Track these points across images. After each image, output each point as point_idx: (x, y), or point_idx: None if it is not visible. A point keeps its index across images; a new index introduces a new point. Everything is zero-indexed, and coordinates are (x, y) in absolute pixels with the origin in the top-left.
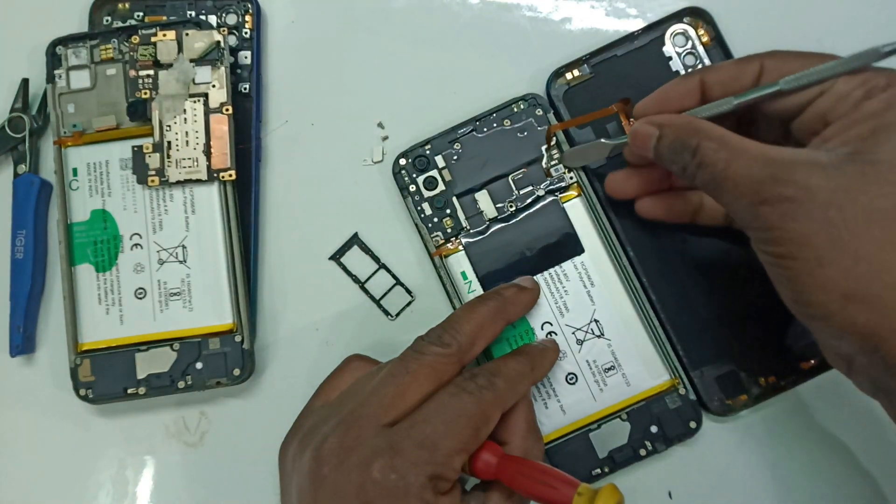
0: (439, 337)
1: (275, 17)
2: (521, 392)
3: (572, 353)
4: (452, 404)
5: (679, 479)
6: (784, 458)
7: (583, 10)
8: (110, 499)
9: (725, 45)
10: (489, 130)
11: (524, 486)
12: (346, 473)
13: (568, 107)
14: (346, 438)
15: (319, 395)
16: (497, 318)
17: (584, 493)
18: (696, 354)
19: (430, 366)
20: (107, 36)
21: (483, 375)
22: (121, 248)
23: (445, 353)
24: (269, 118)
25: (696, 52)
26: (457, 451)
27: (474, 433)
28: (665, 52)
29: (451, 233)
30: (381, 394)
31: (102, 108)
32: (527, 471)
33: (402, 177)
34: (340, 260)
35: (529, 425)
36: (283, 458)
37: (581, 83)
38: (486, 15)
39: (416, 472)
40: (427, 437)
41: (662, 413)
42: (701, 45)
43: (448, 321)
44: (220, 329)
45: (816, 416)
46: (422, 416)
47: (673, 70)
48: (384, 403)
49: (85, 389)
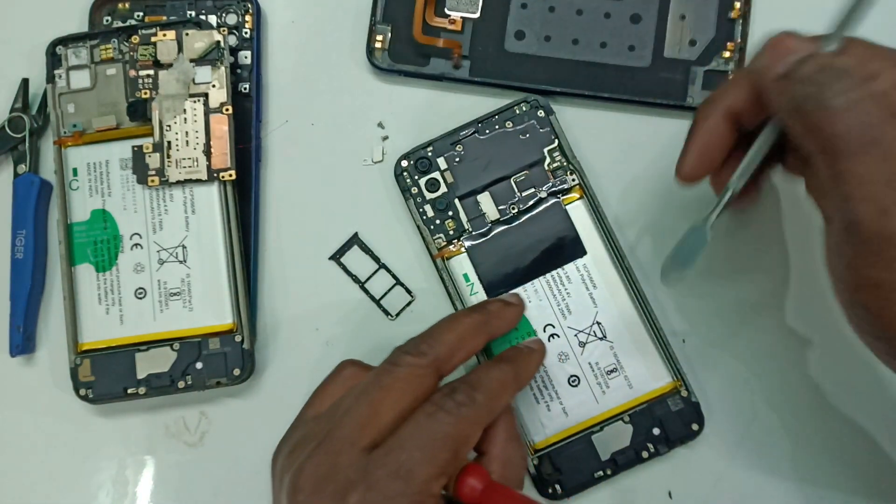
0: (416, 346)
1: (275, 17)
2: (504, 404)
3: (574, 356)
4: (429, 426)
5: (679, 479)
6: (785, 459)
7: None
8: (110, 499)
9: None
10: (491, 132)
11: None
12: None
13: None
14: (321, 467)
15: (312, 405)
16: (479, 330)
17: None
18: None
19: (404, 379)
20: (107, 36)
21: (462, 391)
22: (121, 248)
23: (420, 363)
24: (269, 118)
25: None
26: (435, 477)
27: (453, 456)
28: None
29: (454, 235)
30: (355, 414)
31: (102, 108)
32: (510, 500)
33: (403, 178)
34: (340, 260)
35: (509, 434)
36: (274, 468)
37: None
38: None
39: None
40: (402, 465)
41: (664, 415)
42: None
43: (428, 331)
44: (220, 329)
45: (817, 416)
46: (398, 441)
47: None
48: (359, 424)
49: (85, 389)
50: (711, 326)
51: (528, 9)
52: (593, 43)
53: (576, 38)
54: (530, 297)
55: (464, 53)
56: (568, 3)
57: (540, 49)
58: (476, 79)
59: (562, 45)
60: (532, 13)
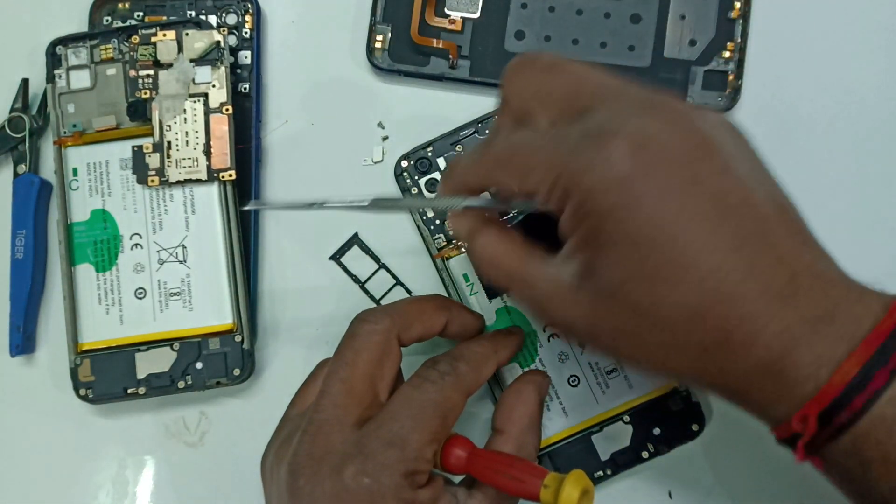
0: (372, 312)
1: (275, 17)
2: (487, 374)
3: (574, 356)
4: (416, 397)
5: (679, 479)
6: (785, 459)
7: None
8: (110, 499)
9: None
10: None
11: (493, 481)
12: (320, 483)
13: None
14: (315, 448)
15: (294, 404)
16: (439, 309)
17: (549, 484)
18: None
19: (365, 348)
20: (107, 36)
21: (445, 361)
22: (121, 248)
23: (377, 328)
24: (269, 118)
25: None
26: (427, 443)
27: (442, 422)
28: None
29: (453, 235)
30: (331, 394)
31: (102, 108)
32: (494, 464)
33: (403, 179)
34: (340, 260)
35: (532, 421)
36: (263, 470)
37: None
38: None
39: (388, 472)
40: (395, 434)
41: (664, 415)
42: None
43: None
44: (220, 329)
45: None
46: (388, 413)
47: None
48: (338, 403)
49: (85, 389)
50: None
51: (528, 9)
52: (593, 43)
53: (576, 38)
54: None
55: (464, 53)
56: (568, 4)
57: (540, 49)
58: (476, 78)
59: (562, 45)
60: (532, 13)
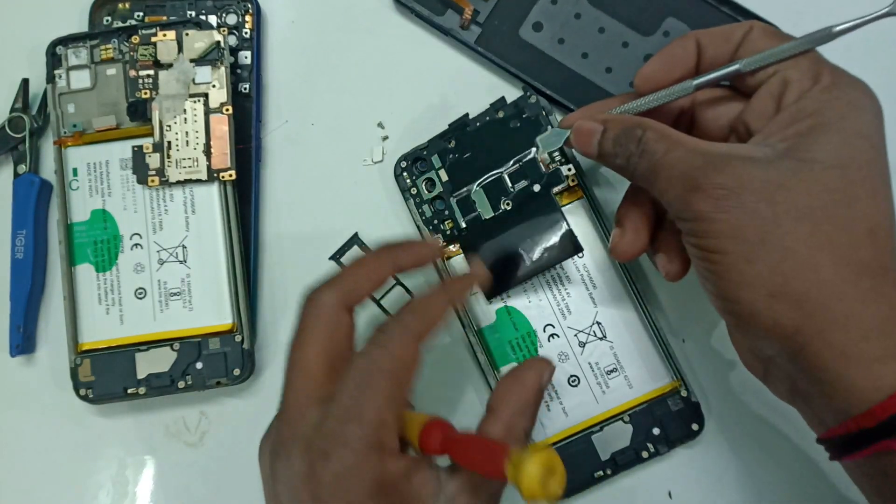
0: (316, 290)
1: (275, 17)
2: (437, 315)
3: (574, 356)
4: (363, 365)
5: (679, 479)
6: (785, 458)
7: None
8: (110, 499)
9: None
10: (480, 123)
11: (465, 460)
12: (291, 467)
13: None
14: (285, 432)
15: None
16: (384, 260)
17: (515, 462)
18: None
19: (315, 324)
20: (107, 36)
21: (388, 322)
22: (121, 248)
23: (322, 303)
24: (269, 118)
25: None
26: (384, 408)
27: (395, 383)
28: None
29: (452, 234)
30: (294, 371)
31: (102, 108)
32: (463, 445)
33: (403, 179)
34: (340, 260)
35: (526, 404)
36: (259, 456)
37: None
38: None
39: (350, 450)
40: (349, 408)
41: (664, 415)
42: None
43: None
44: (220, 329)
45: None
46: (340, 387)
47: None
48: (297, 388)
49: (85, 389)
50: (711, 326)
51: (558, 5)
52: (599, 64)
53: (586, 52)
54: (530, 297)
55: (479, 21)
56: (595, 18)
57: (550, 48)
58: (479, 49)
59: (571, 53)
60: (558, 11)
